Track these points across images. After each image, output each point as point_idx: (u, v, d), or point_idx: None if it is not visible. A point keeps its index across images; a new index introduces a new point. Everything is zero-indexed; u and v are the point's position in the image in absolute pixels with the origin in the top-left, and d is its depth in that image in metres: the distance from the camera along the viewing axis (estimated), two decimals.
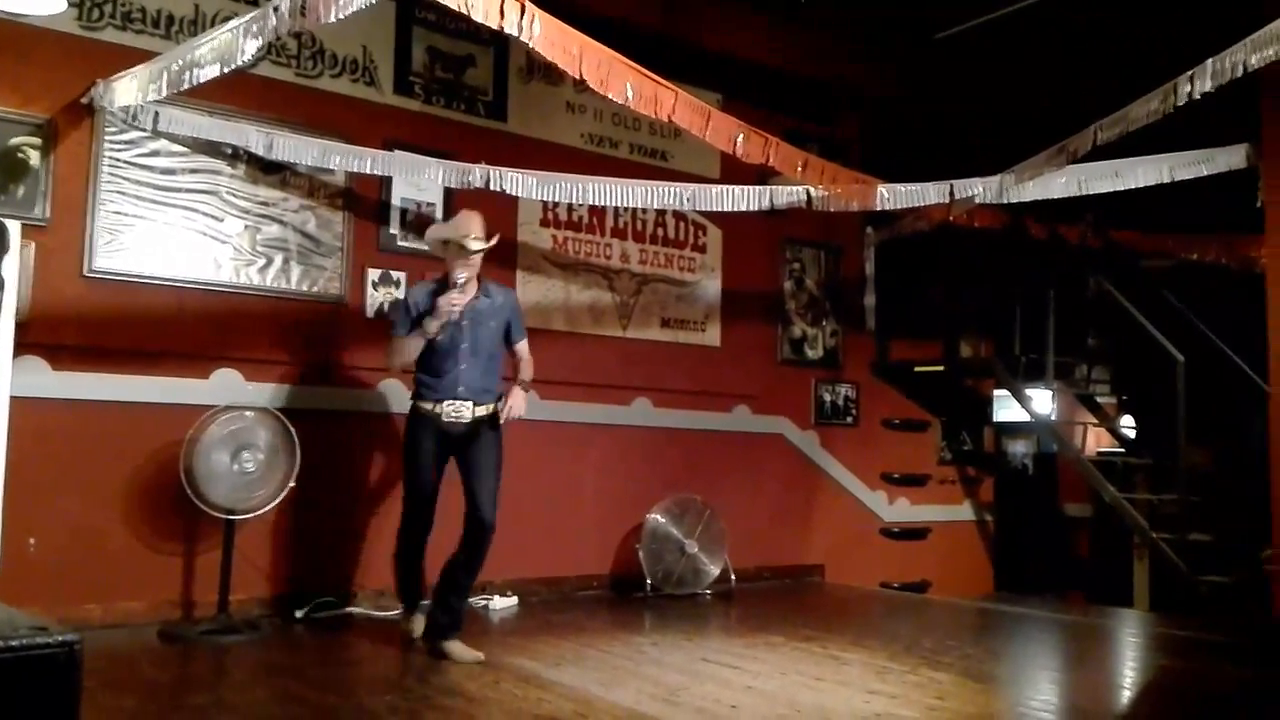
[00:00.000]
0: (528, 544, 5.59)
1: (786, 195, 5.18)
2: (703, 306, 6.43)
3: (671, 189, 5.10)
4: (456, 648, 3.97)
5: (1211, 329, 6.74)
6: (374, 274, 5.22)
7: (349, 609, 4.91)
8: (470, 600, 4.44)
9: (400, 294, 5.22)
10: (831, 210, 5.32)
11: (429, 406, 4.10)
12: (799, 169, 4.83)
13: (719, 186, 5.19)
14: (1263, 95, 5.05)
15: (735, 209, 5.11)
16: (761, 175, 5.47)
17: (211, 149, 4.78)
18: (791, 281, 6.96)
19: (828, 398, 7.04)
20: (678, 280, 6.33)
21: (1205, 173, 5.17)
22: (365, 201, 5.22)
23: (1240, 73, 3.69)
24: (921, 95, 7.16)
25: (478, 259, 4.08)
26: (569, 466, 5.83)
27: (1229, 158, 5.17)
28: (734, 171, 5.54)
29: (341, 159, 4.79)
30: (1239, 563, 5.91)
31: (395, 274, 5.27)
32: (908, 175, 5.47)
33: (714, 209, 5.13)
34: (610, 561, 5.93)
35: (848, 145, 7.05)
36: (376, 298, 5.22)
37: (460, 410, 4.09)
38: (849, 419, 7.13)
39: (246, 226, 4.90)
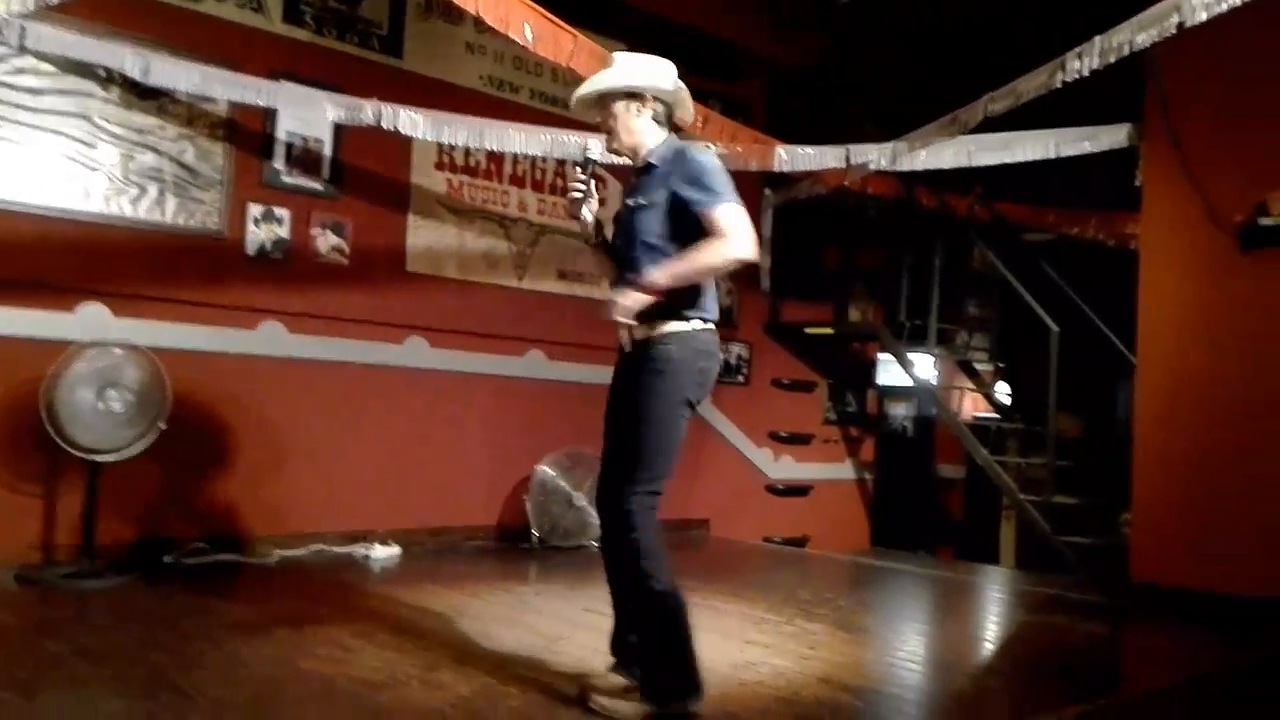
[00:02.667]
0: (412, 493, 5.52)
1: None
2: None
3: (572, 138, 5.00)
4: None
5: (1086, 302, 7.03)
6: (256, 210, 5.01)
7: (221, 556, 4.76)
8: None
9: (283, 231, 5.06)
10: (730, 169, 5.30)
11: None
12: (700, 125, 4.81)
13: None
14: (1147, 77, 5.24)
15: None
16: None
17: (83, 70, 4.49)
18: None
19: (721, 356, 7.09)
20: (577, 233, 6.24)
21: (1089, 150, 5.37)
22: (248, 133, 4.99)
23: (1126, 51, 3.81)
24: (825, 59, 7.21)
25: None
26: (458, 416, 5.76)
27: (1112, 136, 5.37)
28: None
29: (224, 87, 4.55)
30: (1100, 525, 6.22)
31: (279, 211, 5.07)
32: (808, 140, 5.51)
33: (614, 161, 5.05)
34: (497, 513, 5.90)
35: (750, 106, 7.06)
36: (258, 235, 5.01)
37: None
38: (740, 378, 7.22)
39: (120, 154, 4.64)
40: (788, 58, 7.19)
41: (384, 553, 5.15)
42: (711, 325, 2.84)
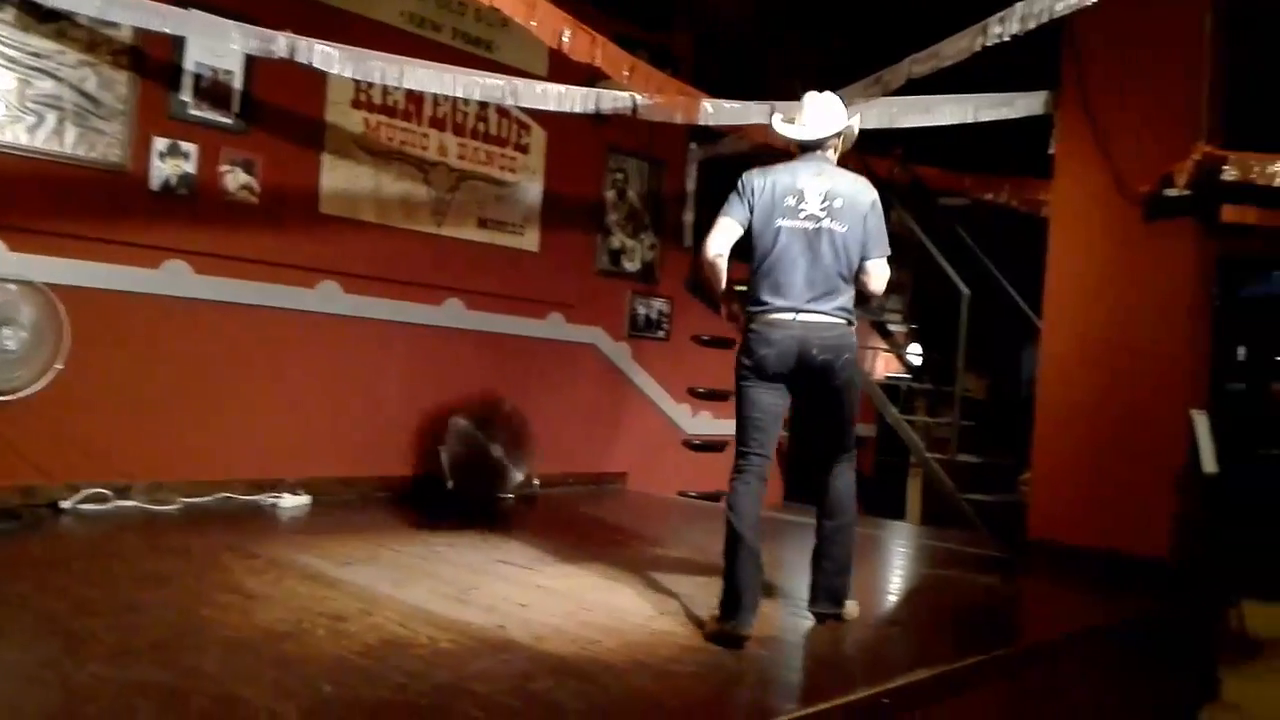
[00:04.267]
0: (323, 441, 5.42)
1: (612, 100, 5.08)
2: (522, 209, 6.30)
3: (495, 81, 4.88)
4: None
5: (997, 266, 7.21)
6: (161, 143, 4.79)
7: (121, 502, 4.62)
8: None
9: (190, 166, 4.86)
10: (656, 120, 5.27)
11: None
12: (626, 74, 4.76)
13: (544, 84, 5.03)
14: (1064, 46, 5.33)
15: (560, 108, 4.97)
16: (590, 79, 5.35)
17: None
18: (614, 191, 6.92)
19: (642, 311, 7.11)
20: (498, 180, 6.15)
21: (1006, 116, 5.45)
22: (154, 63, 4.76)
23: (1046, 19, 3.87)
24: (754, 14, 7.18)
25: None
26: (373, 364, 5.65)
27: (1029, 103, 5.47)
28: (562, 71, 5.38)
29: (127, 13, 4.28)
30: (1001, 484, 6.44)
31: (185, 145, 4.86)
32: (736, 95, 5.48)
33: (538, 106, 4.96)
34: (412, 463, 5.83)
35: (679, 59, 7.00)
36: (163, 169, 4.80)
37: None
38: (661, 333, 7.23)
39: (16, 80, 4.38)
40: (718, 10, 7.14)
41: (293, 501, 5.06)
42: (763, 314, 3.35)
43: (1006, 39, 4.05)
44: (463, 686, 2.50)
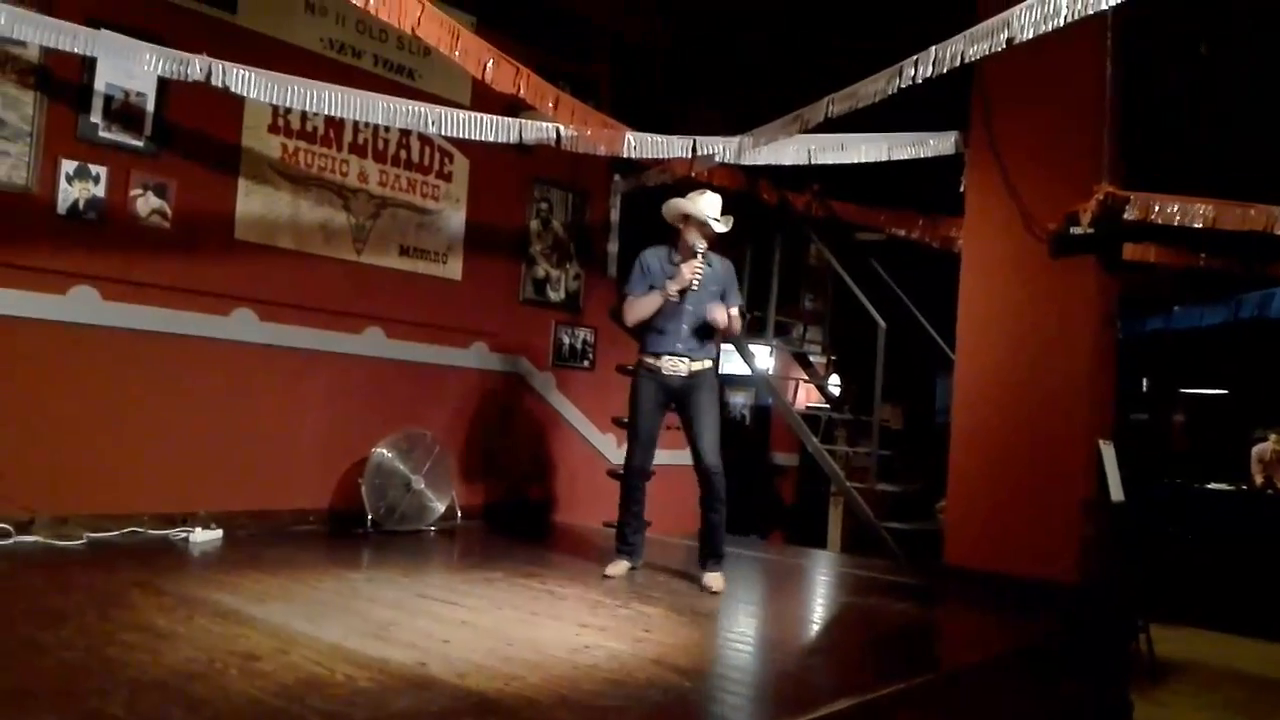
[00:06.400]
0: (237, 474, 5.27)
1: (536, 130, 5.08)
2: (445, 237, 6.25)
3: (417, 108, 4.84)
4: (711, 578, 4.53)
5: (912, 300, 7.39)
6: (69, 165, 4.65)
7: (23, 538, 4.41)
8: (721, 536, 4.69)
9: (99, 190, 4.72)
10: (580, 151, 5.28)
11: (652, 360, 4.59)
12: (550, 105, 4.77)
13: (467, 112, 5.01)
14: (974, 89, 5.52)
15: (483, 137, 4.95)
16: (512, 108, 5.35)
17: None
18: (538, 221, 6.92)
19: (566, 340, 7.10)
20: (420, 207, 6.10)
21: (919, 155, 5.62)
22: (63, 83, 4.63)
23: (958, 63, 3.98)
24: (678, 47, 7.30)
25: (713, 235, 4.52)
26: (289, 394, 5.53)
27: (940, 143, 5.64)
28: (485, 100, 5.38)
29: (35, 31, 4.15)
30: (918, 512, 6.57)
31: (95, 168, 4.72)
32: (651, 122, 5.55)
33: (461, 135, 4.92)
34: (330, 496, 5.70)
35: (599, 89, 7.07)
36: (70, 192, 4.65)
37: (678, 365, 4.56)
38: (586, 363, 7.23)
39: None
40: (634, 35, 7.24)
41: (205, 536, 4.90)
42: None
43: (920, 81, 4.16)
44: None
